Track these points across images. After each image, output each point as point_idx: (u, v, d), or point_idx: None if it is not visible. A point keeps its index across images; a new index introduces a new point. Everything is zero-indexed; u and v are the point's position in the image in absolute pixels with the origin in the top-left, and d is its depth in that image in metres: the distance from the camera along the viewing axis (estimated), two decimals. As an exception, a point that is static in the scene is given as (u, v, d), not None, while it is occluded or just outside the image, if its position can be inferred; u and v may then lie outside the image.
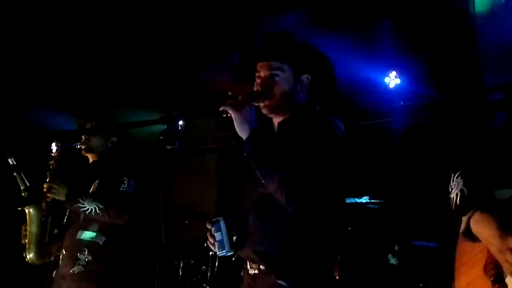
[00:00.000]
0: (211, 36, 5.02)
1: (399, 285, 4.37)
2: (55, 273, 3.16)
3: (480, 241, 1.66)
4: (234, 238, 2.13)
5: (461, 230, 1.68)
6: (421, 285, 4.24)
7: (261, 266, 2.02)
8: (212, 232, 2.09)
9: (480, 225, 1.62)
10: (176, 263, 5.15)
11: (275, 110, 2.14)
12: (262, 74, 2.13)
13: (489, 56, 4.59)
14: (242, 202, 2.18)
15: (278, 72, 2.11)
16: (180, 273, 5.23)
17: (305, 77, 2.16)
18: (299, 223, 1.96)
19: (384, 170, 5.19)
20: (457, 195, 1.70)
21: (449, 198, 1.75)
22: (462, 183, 1.69)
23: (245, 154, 2.01)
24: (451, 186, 1.75)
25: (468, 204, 1.65)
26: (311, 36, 2.33)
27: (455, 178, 1.74)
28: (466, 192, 1.67)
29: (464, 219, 1.66)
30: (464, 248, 1.78)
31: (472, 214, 1.64)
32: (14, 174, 3.26)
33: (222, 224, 2.08)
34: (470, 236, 1.67)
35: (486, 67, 4.69)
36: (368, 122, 5.34)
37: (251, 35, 4.59)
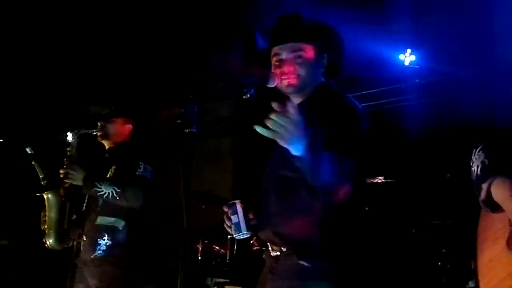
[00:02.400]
0: (220, 19, 4.99)
1: (417, 264, 4.37)
2: (78, 260, 3.20)
3: (501, 211, 1.65)
4: (251, 221, 2.12)
5: (481, 198, 1.67)
6: (439, 263, 4.23)
7: (282, 248, 2.02)
8: (229, 215, 2.09)
9: (499, 189, 1.60)
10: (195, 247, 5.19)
11: (299, 90, 2.11)
12: (284, 56, 2.10)
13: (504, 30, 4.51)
14: (262, 184, 2.17)
15: (301, 53, 2.08)
16: (200, 257, 5.28)
17: (325, 56, 2.14)
18: (319, 205, 1.93)
19: (399, 149, 5.15)
20: (478, 166, 1.69)
21: (470, 172, 1.74)
22: (483, 156, 1.68)
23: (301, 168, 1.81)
24: (472, 161, 1.74)
25: (489, 172, 1.64)
26: (325, 12, 2.30)
27: (476, 152, 1.73)
28: (487, 163, 1.66)
29: (484, 186, 1.65)
30: (486, 224, 1.78)
31: (493, 180, 1.62)
32: (33, 163, 3.29)
33: (238, 207, 2.08)
34: (490, 205, 1.66)
35: (502, 41, 4.62)
36: (383, 101, 5.29)
37: (263, 15, 4.55)
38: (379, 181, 4.65)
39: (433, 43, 4.87)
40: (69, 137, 3.30)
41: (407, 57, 4.99)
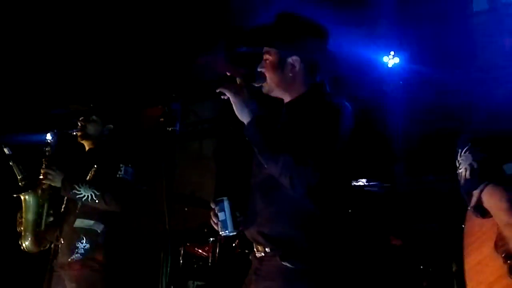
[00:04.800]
0: (205, 20, 4.97)
1: (399, 267, 4.37)
2: (55, 263, 3.13)
3: (490, 216, 1.64)
4: (238, 218, 2.09)
5: (471, 204, 1.66)
6: (421, 267, 4.24)
7: (266, 249, 2.01)
8: (216, 211, 2.06)
9: (491, 199, 1.60)
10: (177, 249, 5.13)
11: (270, 91, 2.14)
12: (264, 58, 2.16)
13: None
14: (248, 183, 2.16)
15: (266, 56, 2.15)
16: (181, 260, 5.22)
17: (292, 59, 2.14)
18: (304, 205, 1.94)
19: (381, 151, 5.17)
20: (466, 169, 1.68)
21: (457, 174, 1.73)
22: (471, 157, 1.67)
23: (246, 139, 1.97)
24: (458, 161, 1.73)
25: (479, 178, 1.63)
26: (307, 14, 2.29)
27: (462, 153, 1.72)
28: (475, 166, 1.65)
29: (475, 193, 1.64)
30: (473, 227, 1.76)
31: (484, 188, 1.61)
32: (10, 163, 3.22)
33: (226, 204, 2.04)
34: (480, 211, 1.65)
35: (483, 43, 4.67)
36: (367, 102, 5.29)
37: (247, 16, 4.53)
38: (362, 184, 4.65)
39: (416, 46, 4.90)
40: (48, 137, 3.23)
41: (391, 59, 5.02)
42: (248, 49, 2.24)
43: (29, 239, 3.20)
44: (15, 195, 3.18)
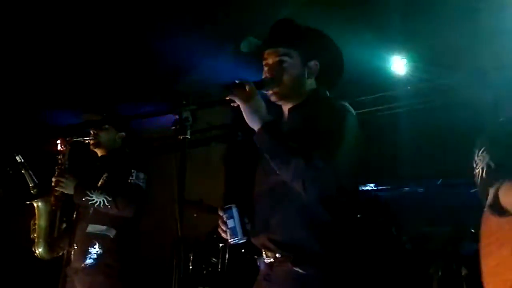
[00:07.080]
0: (211, 25, 4.99)
1: (409, 271, 4.36)
2: (68, 268, 3.15)
3: (508, 215, 1.62)
4: (247, 225, 2.10)
5: (488, 203, 1.64)
6: (431, 271, 4.23)
7: (277, 254, 2.00)
8: (224, 219, 2.06)
9: (508, 196, 1.58)
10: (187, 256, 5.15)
11: (284, 97, 2.11)
12: (270, 61, 2.11)
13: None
14: (255, 190, 2.16)
15: (285, 58, 2.08)
16: (191, 266, 5.24)
17: (312, 63, 2.13)
18: (314, 210, 1.94)
19: (391, 156, 5.16)
20: (482, 169, 1.67)
21: (474, 174, 1.72)
22: (488, 157, 1.66)
23: (258, 146, 1.97)
24: (475, 162, 1.72)
25: (496, 176, 1.62)
26: (315, 18, 2.29)
27: (479, 153, 1.71)
28: (493, 166, 1.64)
29: (492, 190, 1.62)
30: (491, 227, 1.74)
31: (500, 185, 1.60)
32: (22, 171, 3.25)
33: (234, 211, 2.05)
34: (498, 210, 1.63)
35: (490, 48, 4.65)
36: (374, 108, 5.30)
37: (252, 21, 4.55)
38: (370, 188, 4.65)
39: (424, 51, 4.89)
40: (61, 145, 3.26)
41: (399, 65, 5.01)
42: (258, 53, 2.17)
43: (42, 245, 3.23)
44: (28, 202, 3.21)
